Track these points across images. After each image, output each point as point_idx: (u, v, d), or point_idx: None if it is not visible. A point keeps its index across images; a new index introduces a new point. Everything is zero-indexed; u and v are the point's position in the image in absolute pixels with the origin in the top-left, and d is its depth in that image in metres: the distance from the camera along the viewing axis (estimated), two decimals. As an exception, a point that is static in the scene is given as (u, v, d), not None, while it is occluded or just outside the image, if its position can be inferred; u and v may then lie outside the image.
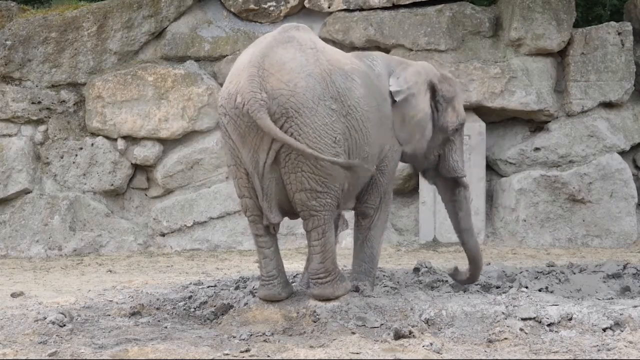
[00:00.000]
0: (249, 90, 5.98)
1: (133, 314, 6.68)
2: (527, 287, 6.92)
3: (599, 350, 5.50)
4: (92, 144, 12.11)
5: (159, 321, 6.49)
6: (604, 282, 7.42)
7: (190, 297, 6.97)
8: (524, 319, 5.97)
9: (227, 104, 6.12)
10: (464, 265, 7.54)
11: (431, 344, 5.59)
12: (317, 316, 6.14)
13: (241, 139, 6.08)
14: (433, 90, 7.00)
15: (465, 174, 7.39)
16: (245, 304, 6.42)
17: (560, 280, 7.36)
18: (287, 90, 6.00)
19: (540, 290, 6.87)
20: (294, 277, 7.37)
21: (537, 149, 12.36)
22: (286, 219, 6.52)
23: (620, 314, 5.98)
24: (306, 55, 6.17)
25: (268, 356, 5.46)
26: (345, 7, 12.44)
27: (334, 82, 6.16)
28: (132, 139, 12.19)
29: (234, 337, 5.93)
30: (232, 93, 6.10)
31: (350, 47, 11.80)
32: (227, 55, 12.42)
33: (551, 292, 6.90)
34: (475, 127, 12.18)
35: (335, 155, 6.11)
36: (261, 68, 6.04)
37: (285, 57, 6.11)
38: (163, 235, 12.12)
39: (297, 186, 6.10)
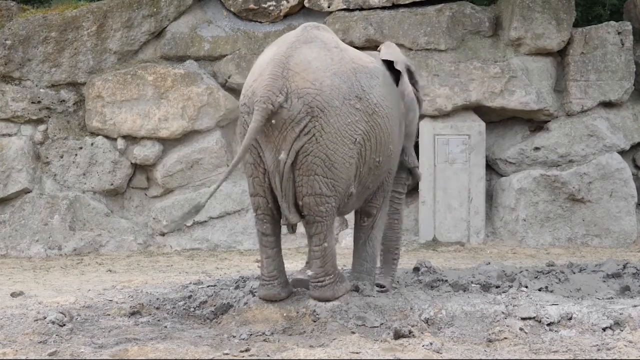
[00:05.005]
0: (267, 89, 5.96)
1: (133, 314, 6.68)
2: (527, 287, 6.92)
3: (598, 349, 5.50)
4: (92, 144, 12.11)
5: (158, 321, 6.49)
6: (604, 281, 7.42)
7: (190, 297, 6.97)
8: (523, 319, 5.97)
9: (250, 102, 6.12)
10: (463, 263, 7.53)
11: (431, 343, 5.59)
12: (317, 316, 6.14)
13: (265, 137, 6.07)
14: (410, 73, 7.10)
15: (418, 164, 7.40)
16: (245, 303, 6.42)
17: (560, 280, 7.36)
18: (313, 89, 6.01)
19: (540, 290, 6.88)
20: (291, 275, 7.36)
21: (536, 149, 12.37)
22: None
23: (620, 314, 5.98)
24: (331, 54, 6.20)
25: (268, 356, 5.46)
26: (345, 6, 12.44)
27: (359, 81, 6.20)
28: (132, 139, 12.19)
29: (234, 336, 5.93)
30: (255, 91, 6.09)
31: (350, 47, 11.80)
32: (226, 55, 12.42)
33: (551, 291, 6.90)
34: (475, 126, 12.19)
35: (350, 157, 6.13)
36: (286, 68, 6.04)
37: (310, 56, 6.12)
38: (163, 234, 12.12)
39: (307, 189, 6.10)
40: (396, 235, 7.27)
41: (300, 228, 6.58)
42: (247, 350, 5.58)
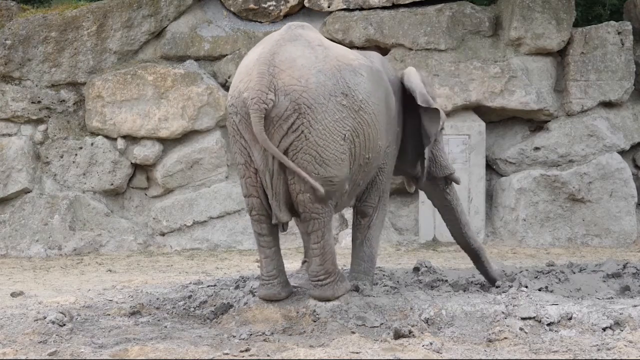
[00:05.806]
0: (257, 88, 5.98)
1: (133, 314, 6.67)
2: (527, 287, 6.91)
3: (598, 349, 5.50)
4: (92, 144, 12.11)
5: (158, 320, 6.49)
6: (604, 281, 7.42)
7: (190, 297, 6.97)
8: (523, 319, 5.97)
9: (238, 102, 6.12)
10: (463, 263, 7.53)
11: (431, 343, 5.59)
12: (317, 316, 6.14)
13: (252, 137, 6.08)
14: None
15: (454, 169, 7.47)
16: (245, 303, 6.42)
17: (560, 280, 7.36)
18: (300, 86, 6.01)
19: (540, 290, 6.87)
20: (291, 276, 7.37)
21: (536, 149, 12.37)
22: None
23: (620, 314, 5.98)
24: (315, 52, 6.20)
25: (268, 356, 5.46)
26: (345, 6, 12.44)
27: (344, 78, 6.20)
28: (132, 139, 12.19)
29: (234, 336, 5.92)
30: (242, 91, 6.10)
31: (350, 47, 11.78)
32: (227, 55, 12.42)
33: (551, 291, 6.90)
34: (475, 126, 12.19)
35: (342, 153, 6.13)
36: (271, 65, 6.05)
37: (295, 53, 6.13)
38: (163, 234, 12.12)
39: (300, 187, 6.10)
40: (476, 244, 7.54)
41: (295, 229, 6.58)
42: (247, 350, 5.58)
